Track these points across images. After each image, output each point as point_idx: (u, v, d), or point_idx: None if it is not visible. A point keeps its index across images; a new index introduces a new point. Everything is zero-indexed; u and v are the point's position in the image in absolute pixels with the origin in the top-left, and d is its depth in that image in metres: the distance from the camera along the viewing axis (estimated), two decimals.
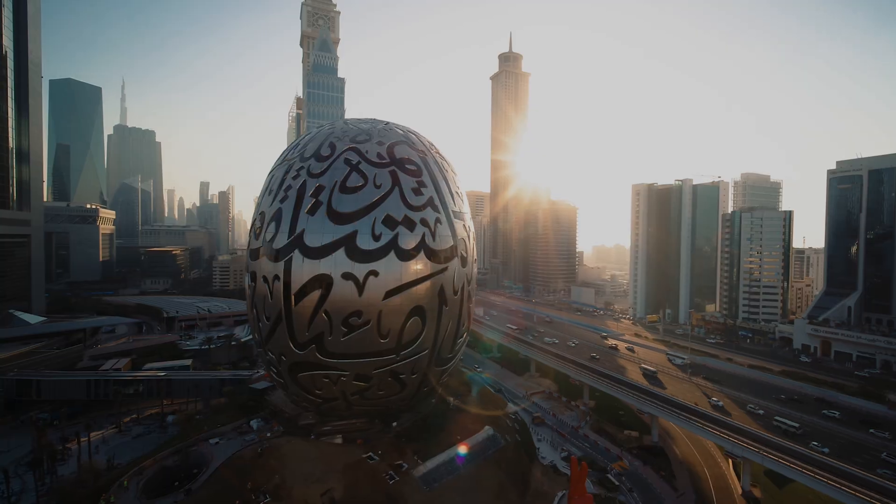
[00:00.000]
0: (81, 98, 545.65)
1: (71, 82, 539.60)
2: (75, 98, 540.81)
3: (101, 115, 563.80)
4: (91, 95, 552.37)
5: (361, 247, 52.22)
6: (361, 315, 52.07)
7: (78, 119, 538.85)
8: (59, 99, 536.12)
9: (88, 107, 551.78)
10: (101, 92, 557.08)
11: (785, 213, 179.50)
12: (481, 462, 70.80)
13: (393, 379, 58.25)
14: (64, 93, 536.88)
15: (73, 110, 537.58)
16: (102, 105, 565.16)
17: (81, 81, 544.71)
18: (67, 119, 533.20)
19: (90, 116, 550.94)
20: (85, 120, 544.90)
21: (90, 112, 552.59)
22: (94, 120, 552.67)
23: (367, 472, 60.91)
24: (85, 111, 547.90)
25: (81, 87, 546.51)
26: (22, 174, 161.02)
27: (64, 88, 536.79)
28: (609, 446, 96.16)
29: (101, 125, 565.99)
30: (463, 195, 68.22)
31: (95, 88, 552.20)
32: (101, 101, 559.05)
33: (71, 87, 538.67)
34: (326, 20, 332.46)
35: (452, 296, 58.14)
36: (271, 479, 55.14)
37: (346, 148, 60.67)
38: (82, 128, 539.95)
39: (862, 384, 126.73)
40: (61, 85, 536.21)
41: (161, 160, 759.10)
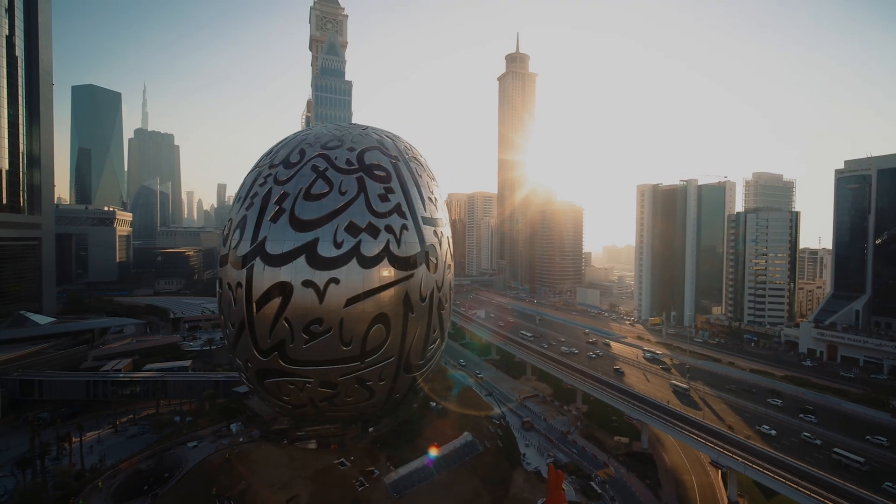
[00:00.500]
0: (102, 103, 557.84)
1: (92, 88, 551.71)
2: (97, 103, 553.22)
3: (121, 120, 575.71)
4: (111, 100, 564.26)
5: (322, 254, 51.76)
6: (323, 322, 51.63)
7: (99, 124, 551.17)
8: (81, 104, 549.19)
9: (109, 112, 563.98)
10: (121, 97, 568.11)
11: (791, 213, 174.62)
12: (457, 468, 69.89)
13: (360, 386, 57.72)
14: (85, 98, 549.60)
15: (95, 115, 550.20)
16: (122, 110, 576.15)
17: (102, 87, 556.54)
18: (89, 124, 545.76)
19: (110, 121, 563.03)
20: (106, 124, 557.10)
21: (111, 117, 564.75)
22: (114, 124, 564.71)
23: (337, 478, 60.53)
24: (106, 116, 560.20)
25: (102, 93, 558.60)
26: (33, 179, 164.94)
27: (86, 94, 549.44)
28: (597, 452, 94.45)
29: (121, 129, 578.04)
30: (437, 201, 67.32)
31: (115, 94, 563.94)
32: (120, 105, 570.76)
33: (92, 93, 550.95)
34: (335, 24, 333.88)
35: (419, 303, 57.37)
36: (237, 484, 55.11)
37: (315, 154, 60.38)
38: (103, 132, 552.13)
39: (866, 390, 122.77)
40: (83, 91, 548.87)
41: (179, 163, 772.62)
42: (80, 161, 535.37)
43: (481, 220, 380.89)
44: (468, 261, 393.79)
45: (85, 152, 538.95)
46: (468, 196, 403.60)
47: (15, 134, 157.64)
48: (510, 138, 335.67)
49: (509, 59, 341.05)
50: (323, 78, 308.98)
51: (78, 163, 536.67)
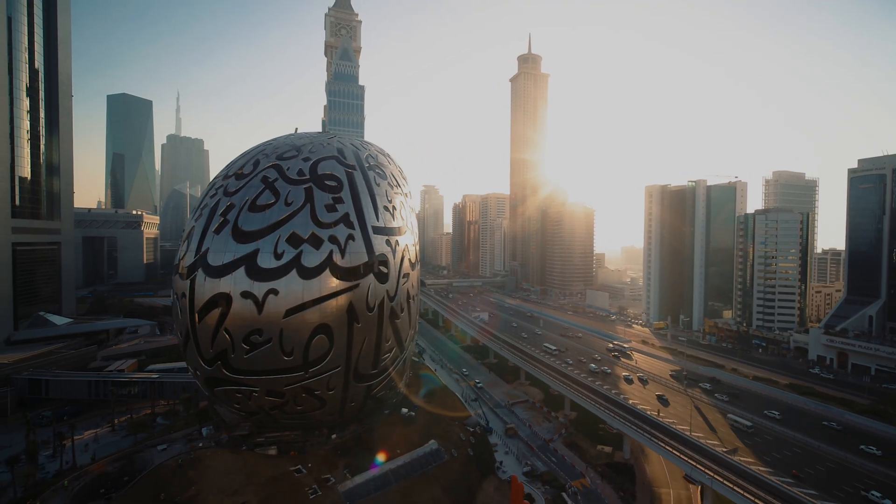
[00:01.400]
0: (135, 111, 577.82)
1: (125, 97, 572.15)
2: (129, 111, 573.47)
3: (152, 126, 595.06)
4: (143, 108, 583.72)
5: (262, 265, 51.69)
6: (262, 333, 51.57)
7: (132, 130, 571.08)
8: (115, 112, 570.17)
9: (141, 119, 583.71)
10: (152, 105, 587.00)
11: (802, 214, 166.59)
12: (417, 477, 68.99)
13: (308, 395, 57.49)
14: (119, 106, 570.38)
15: (128, 122, 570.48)
16: (153, 116, 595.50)
17: (135, 96, 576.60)
18: (122, 131, 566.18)
19: (142, 128, 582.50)
20: (138, 131, 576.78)
21: (143, 124, 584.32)
22: (145, 131, 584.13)
23: (290, 485, 60.52)
24: (138, 123, 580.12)
25: (135, 101, 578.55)
26: (53, 186, 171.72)
27: (119, 103, 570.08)
28: (576, 462, 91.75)
29: (153, 135, 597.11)
30: (397, 209, 66.59)
31: (147, 102, 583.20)
32: (151, 113, 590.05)
33: (125, 101, 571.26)
34: (348, 29, 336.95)
35: (366, 313, 56.70)
36: (187, 490, 55.62)
37: (268, 165, 60.50)
38: (136, 138, 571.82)
39: (874, 401, 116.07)
40: (117, 99, 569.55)
41: (209, 167, 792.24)
42: (115, 166, 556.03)
43: (494, 221, 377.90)
44: (482, 262, 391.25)
45: (119, 158, 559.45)
46: (482, 197, 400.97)
47: (36, 144, 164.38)
48: (522, 139, 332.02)
49: (521, 61, 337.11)
50: (336, 83, 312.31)
51: (112, 168, 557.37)
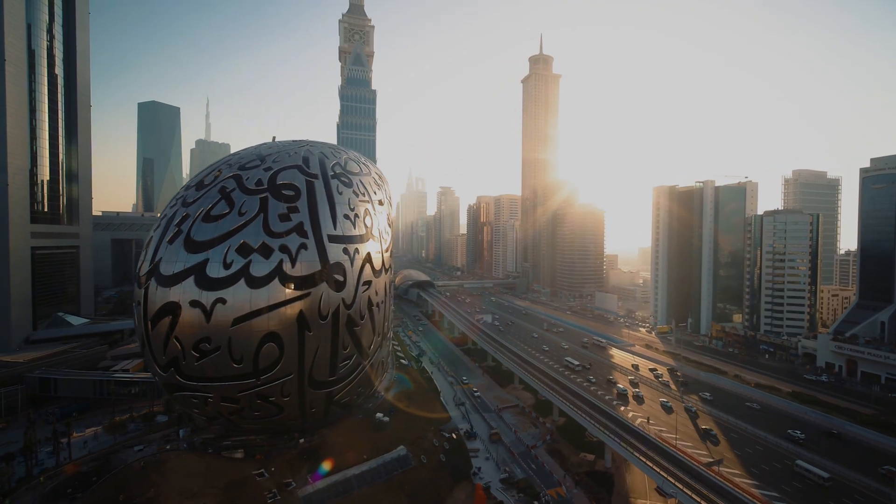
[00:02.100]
0: (163, 117, 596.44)
1: (155, 104, 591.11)
2: (158, 117, 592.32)
3: (180, 132, 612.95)
4: (171, 115, 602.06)
5: (210, 275, 52.42)
6: (211, 341, 52.30)
7: (160, 136, 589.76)
8: (145, 119, 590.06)
9: (169, 124, 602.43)
10: (180, 111, 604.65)
11: (812, 215, 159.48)
12: (381, 483, 68.86)
13: (263, 401, 58.04)
14: (149, 113, 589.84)
15: (157, 128, 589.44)
16: (181, 122, 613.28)
17: (163, 103, 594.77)
18: (152, 136, 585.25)
19: (170, 133, 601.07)
20: (166, 136, 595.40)
21: (171, 129, 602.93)
22: (173, 136, 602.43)
23: (250, 489, 61.20)
24: (167, 129, 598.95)
25: (163, 108, 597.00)
26: (72, 192, 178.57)
27: (149, 110, 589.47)
28: (555, 469, 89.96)
29: (180, 140, 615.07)
30: (358, 217, 66.63)
31: (175, 108, 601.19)
32: (179, 119, 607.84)
33: (154, 108, 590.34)
34: (362, 35, 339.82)
35: (318, 321, 56.88)
36: (147, 492, 56.87)
37: (229, 175, 61.38)
38: (164, 143, 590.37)
39: (881, 411, 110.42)
40: (147, 107, 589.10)
41: None
42: (145, 170, 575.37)
43: (507, 222, 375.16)
44: (495, 263, 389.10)
45: (149, 162, 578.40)
46: (495, 199, 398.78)
47: (55, 152, 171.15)
48: (533, 140, 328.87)
49: (533, 62, 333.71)
50: (349, 87, 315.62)
51: (143, 172, 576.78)
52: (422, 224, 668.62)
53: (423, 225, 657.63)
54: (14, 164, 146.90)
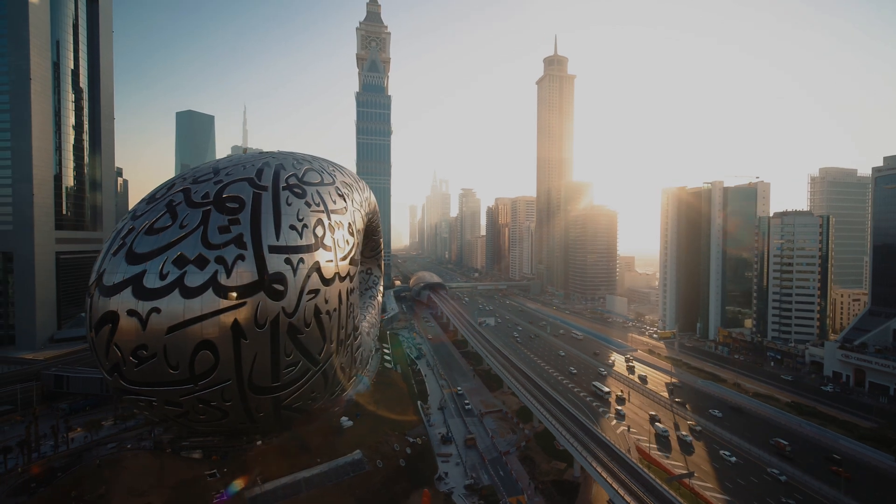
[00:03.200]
0: (199, 125, 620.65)
1: (191, 113, 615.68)
2: (194, 125, 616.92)
3: (214, 138, 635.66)
4: (206, 122, 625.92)
5: (147, 286, 54.57)
6: (148, 348, 54.46)
7: (196, 143, 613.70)
8: (182, 127, 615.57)
9: (204, 132, 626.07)
10: (214, 119, 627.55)
11: (822, 217, 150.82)
12: (330, 486, 69.76)
13: (205, 406, 59.97)
14: (186, 121, 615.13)
15: (193, 136, 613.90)
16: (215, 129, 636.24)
17: (199, 112, 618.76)
18: (188, 143, 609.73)
19: (205, 140, 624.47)
20: (202, 143, 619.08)
21: (206, 136, 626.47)
22: (208, 142, 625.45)
23: (199, 489, 63.27)
24: (202, 136, 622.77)
25: (199, 117, 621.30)
26: (96, 200, 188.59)
27: (185, 118, 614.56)
28: (522, 477, 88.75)
29: (215, 147, 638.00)
30: (307, 228, 67.79)
31: (209, 116, 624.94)
32: (213, 126, 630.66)
33: (190, 117, 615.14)
34: (378, 41, 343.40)
35: (254, 329, 58.32)
36: (98, 489, 59.74)
37: (179, 189, 63.71)
38: (200, 150, 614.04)
39: (881, 425, 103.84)
40: (184, 115, 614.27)
41: None
42: None
43: (523, 224, 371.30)
44: (511, 265, 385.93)
45: (186, 167, 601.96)
46: (511, 200, 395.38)
47: (80, 163, 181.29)
48: (547, 142, 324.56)
49: (547, 63, 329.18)
50: (364, 94, 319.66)
51: None
52: (445, 225, 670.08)
53: (447, 226, 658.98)
54: (39, 176, 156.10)
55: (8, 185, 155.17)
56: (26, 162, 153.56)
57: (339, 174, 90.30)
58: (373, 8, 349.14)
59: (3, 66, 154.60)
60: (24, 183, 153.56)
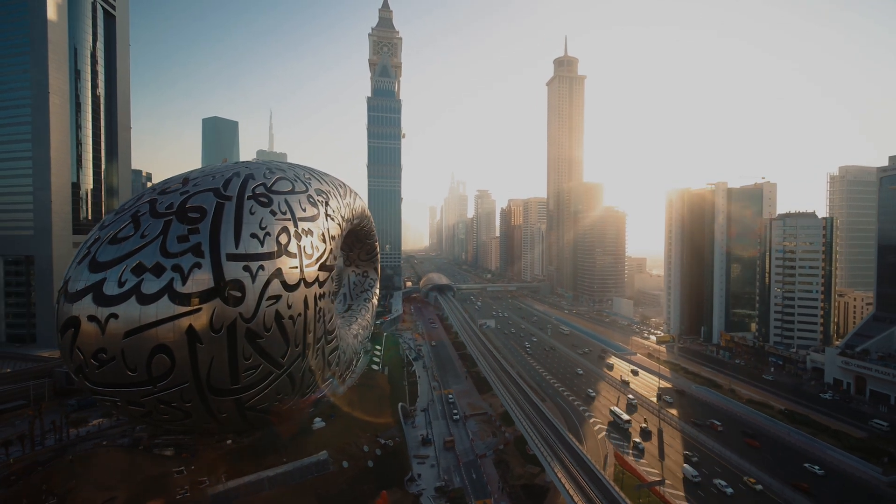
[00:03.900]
0: (224, 131, 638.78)
1: (216, 119, 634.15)
2: (219, 131, 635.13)
3: (238, 143, 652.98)
4: (230, 128, 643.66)
5: (106, 293, 57.44)
6: (107, 352, 57.31)
7: (221, 148, 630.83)
8: (208, 132, 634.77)
9: (229, 137, 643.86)
10: (238, 125, 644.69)
11: (825, 219, 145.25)
12: (293, 486, 71.64)
13: (166, 406, 62.59)
14: (211, 127, 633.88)
15: (219, 141, 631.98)
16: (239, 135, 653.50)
17: (223, 118, 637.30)
18: (214, 148, 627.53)
19: (230, 145, 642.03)
20: (226, 148, 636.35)
21: (230, 141, 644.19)
22: (232, 147, 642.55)
23: (164, 485, 66.00)
24: (226, 141, 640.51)
25: (224, 122, 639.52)
26: (112, 206, 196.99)
27: (211, 124, 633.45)
28: (492, 480, 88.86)
29: (239, 151, 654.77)
30: (269, 236, 69.79)
31: (233, 122, 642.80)
32: (237, 131, 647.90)
33: (216, 123, 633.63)
34: (390, 47, 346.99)
35: (210, 334, 60.62)
36: (67, 483, 63.09)
37: (146, 200, 66.72)
38: (224, 154, 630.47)
39: (872, 436, 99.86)
40: (209, 122, 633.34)
41: None
42: None
43: (534, 225, 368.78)
44: (523, 266, 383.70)
45: None
46: (524, 202, 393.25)
47: (98, 171, 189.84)
48: (557, 143, 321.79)
49: (557, 64, 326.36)
50: (375, 98, 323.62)
51: None
52: (462, 226, 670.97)
53: (463, 227, 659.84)
54: (57, 184, 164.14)
55: (29, 192, 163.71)
56: (45, 171, 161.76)
57: (315, 182, 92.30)
58: (385, 14, 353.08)
59: (25, 82, 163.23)
60: (44, 190, 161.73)
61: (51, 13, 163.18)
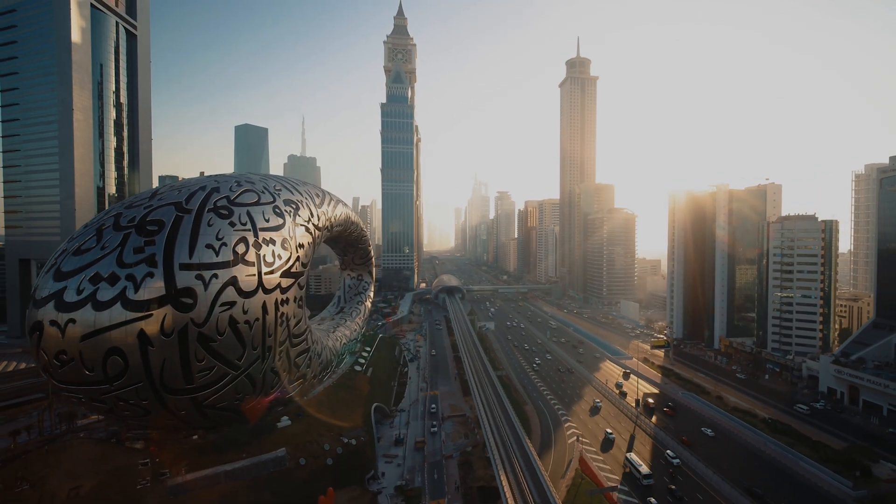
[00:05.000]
0: (254, 137, 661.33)
1: (248, 126, 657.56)
2: (250, 137, 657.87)
3: (268, 149, 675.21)
4: (260, 134, 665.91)
5: (66, 300, 62.58)
6: (67, 353, 62.53)
7: (252, 154, 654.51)
8: (240, 139, 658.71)
9: (259, 143, 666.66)
10: (267, 132, 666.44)
11: (825, 222, 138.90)
12: (248, 481, 75.73)
13: (126, 403, 67.56)
14: (243, 134, 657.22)
15: (250, 147, 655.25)
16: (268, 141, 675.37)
17: (254, 125, 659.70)
18: (245, 154, 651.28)
19: (260, 150, 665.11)
20: (256, 153, 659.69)
21: (260, 147, 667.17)
22: (262, 153, 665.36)
23: (128, 475, 71.40)
24: (257, 147, 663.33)
25: (254, 129, 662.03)
26: None
27: (243, 131, 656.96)
28: (451, 481, 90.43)
29: (268, 157, 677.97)
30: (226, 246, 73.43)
31: (263, 129, 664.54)
32: (267, 138, 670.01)
33: (247, 130, 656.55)
34: (404, 53, 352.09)
35: (161, 337, 64.92)
36: (40, 472, 69.21)
37: (112, 214, 72.00)
38: (254, 160, 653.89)
39: (853, 446, 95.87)
40: (241, 129, 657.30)
41: (320, 182, 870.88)
42: None
43: (548, 227, 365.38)
44: (538, 268, 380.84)
45: None
46: (539, 203, 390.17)
47: (121, 181, 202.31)
48: (569, 144, 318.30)
49: (569, 65, 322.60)
50: (389, 105, 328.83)
51: None
52: (483, 227, 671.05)
53: (485, 228, 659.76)
54: (80, 194, 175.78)
55: (56, 201, 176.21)
56: (70, 181, 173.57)
57: (286, 193, 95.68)
58: (399, 21, 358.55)
59: (52, 100, 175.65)
60: (69, 199, 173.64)
61: (75, 36, 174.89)
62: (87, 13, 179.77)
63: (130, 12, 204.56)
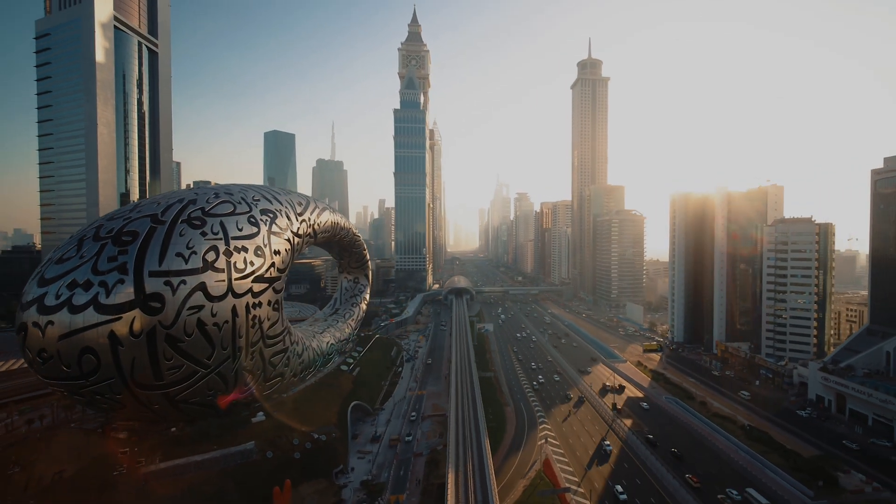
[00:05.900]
0: (282, 143, 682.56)
1: (276, 132, 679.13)
2: (279, 143, 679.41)
3: (295, 154, 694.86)
4: (288, 140, 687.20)
5: (46, 304, 69.68)
6: (46, 352, 69.66)
7: (280, 158, 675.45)
8: (269, 145, 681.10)
9: (287, 148, 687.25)
10: (295, 137, 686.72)
11: (820, 225, 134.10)
12: (216, 471, 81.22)
13: (101, 397, 74.35)
14: (272, 140, 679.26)
15: (278, 152, 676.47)
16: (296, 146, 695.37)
17: (282, 131, 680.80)
18: (274, 159, 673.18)
19: (288, 156, 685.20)
20: (284, 159, 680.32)
21: (288, 152, 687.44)
22: (290, 158, 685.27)
23: (107, 463, 78.09)
24: (285, 152, 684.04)
25: (283, 135, 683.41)
26: None
27: (272, 137, 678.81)
28: (416, 477, 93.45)
29: (295, 162, 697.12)
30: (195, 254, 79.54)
31: (291, 135, 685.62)
32: (294, 143, 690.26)
33: (276, 136, 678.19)
34: (418, 60, 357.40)
35: (130, 338, 71.34)
36: (29, 458, 76.74)
37: (95, 225, 79.18)
38: (283, 164, 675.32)
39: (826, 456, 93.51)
40: (270, 135, 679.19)
41: (347, 184, 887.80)
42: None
43: (561, 228, 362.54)
44: (552, 269, 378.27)
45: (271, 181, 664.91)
46: (552, 205, 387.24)
47: (143, 187, 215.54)
48: (581, 145, 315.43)
49: (581, 66, 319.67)
50: (402, 110, 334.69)
51: None
52: (504, 228, 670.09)
53: (506, 229, 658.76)
54: (104, 202, 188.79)
55: (83, 209, 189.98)
56: (94, 190, 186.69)
57: (264, 202, 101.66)
58: (413, 28, 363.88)
59: (79, 115, 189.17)
60: (93, 207, 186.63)
61: (100, 56, 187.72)
62: (111, 35, 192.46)
63: (152, 31, 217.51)
